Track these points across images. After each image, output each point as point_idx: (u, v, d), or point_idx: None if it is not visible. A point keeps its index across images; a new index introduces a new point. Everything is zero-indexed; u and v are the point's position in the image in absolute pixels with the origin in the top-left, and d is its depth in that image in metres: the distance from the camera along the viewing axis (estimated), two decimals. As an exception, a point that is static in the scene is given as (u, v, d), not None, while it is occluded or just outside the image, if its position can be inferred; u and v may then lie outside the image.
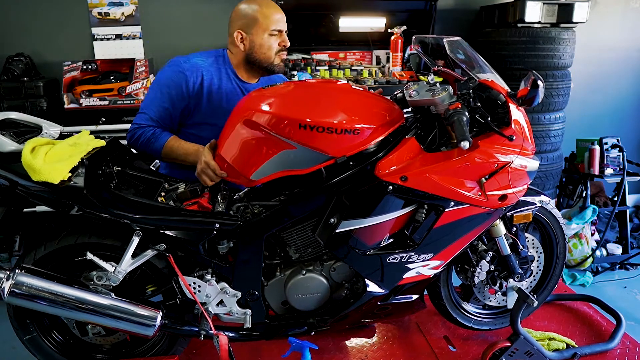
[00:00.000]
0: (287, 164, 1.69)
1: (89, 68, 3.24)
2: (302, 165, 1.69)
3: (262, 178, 1.72)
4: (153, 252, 1.75)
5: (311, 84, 1.89)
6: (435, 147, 1.79)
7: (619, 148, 3.57)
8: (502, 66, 3.44)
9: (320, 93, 1.78)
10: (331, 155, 1.67)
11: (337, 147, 1.66)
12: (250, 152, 1.70)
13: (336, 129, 1.63)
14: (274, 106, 1.68)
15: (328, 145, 1.65)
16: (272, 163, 1.69)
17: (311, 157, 1.68)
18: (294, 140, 1.65)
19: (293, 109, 1.67)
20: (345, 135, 1.65)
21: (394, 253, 1.82)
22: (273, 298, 1.94)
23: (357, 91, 1.85)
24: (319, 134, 1.63)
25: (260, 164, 1.69)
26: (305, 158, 1.68)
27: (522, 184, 1.82)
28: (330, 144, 1.65)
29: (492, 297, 2.18)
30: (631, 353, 2.19)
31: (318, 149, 1.66)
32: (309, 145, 1.65)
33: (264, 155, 1.69)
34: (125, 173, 1.90)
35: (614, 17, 4.16)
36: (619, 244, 3.69)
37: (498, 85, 1.77)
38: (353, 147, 1.68)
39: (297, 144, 1.65)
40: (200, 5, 3.56)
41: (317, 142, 1.65)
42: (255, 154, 1.70)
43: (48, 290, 1.68)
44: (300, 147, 1.66)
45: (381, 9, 3.69)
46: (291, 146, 1.66)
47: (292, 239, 1.87)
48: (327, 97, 1.75)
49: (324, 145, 1.65)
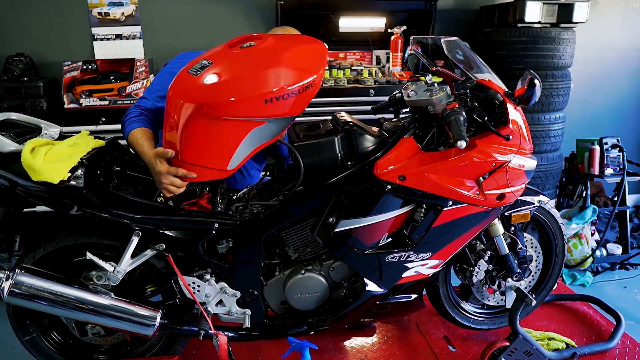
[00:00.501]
0: (259, 139, 1.64)
1: (89, 68, 3.24)
2: (273, 134, 1.66)
3: (239, 163, 1.66)
4: (152, 252, 1.75)
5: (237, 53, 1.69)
6: (434, 147, 1.79)
7: (619, 148, 3.57)
8: (502, 66, 3.44)
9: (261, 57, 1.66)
10: (296, 115, 1.65)
11: (302, 105, 1.62)
12: (218, 144, 1.62)
13: (300, 89, 1.57)
14: (230, 91, 1.56)
15: (294, 107, 1.60)
16: (245, 145, 1.62)
17: (281, 123, 1.64)
18: (262, 116, 1.58)
19: (251, 87, 1.57)
20: (307, 90, 1.60)
21: (392, 252, 1.82)
22: (272, 298, 1.94)
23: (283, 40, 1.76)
24: (285, 101, 1.57)
25: (233, 151, 1.62)
26: (275, 126, 1.64)
27: (520, 183, 1.82)
28: (296, 104, 1.60)
29: (490, 297, 2.18)
30: (631, 353, 2.19)
31: (287, 114, 1.61)
32: (278, 115, 1.60)
33: (235, 141, 1.61)
34: (125, 173, 1.90)
35: (614, 17, 4.15)
36: (619, 244, 3.69)
37: (495, 85, 1.77)
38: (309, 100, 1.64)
39: (265, 119, 1.59)
40: (200, 5, 3.56)
41: (285, 109, 1.59)
42: (225, 144, 1.61)
43: (48, 290, 1.68)
44: (269, 119, 1.60)
45: (381, 9, 3.69)
46: (260, 122, 1.59)
47: (291, 239, 1.87)
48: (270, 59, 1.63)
49: (291, 109, 1.60)
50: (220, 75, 1.59)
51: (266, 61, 1.62)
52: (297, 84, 1.57)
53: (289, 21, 3.43)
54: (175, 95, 1.61)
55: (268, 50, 1.66)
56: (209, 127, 1.57)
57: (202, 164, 1.63)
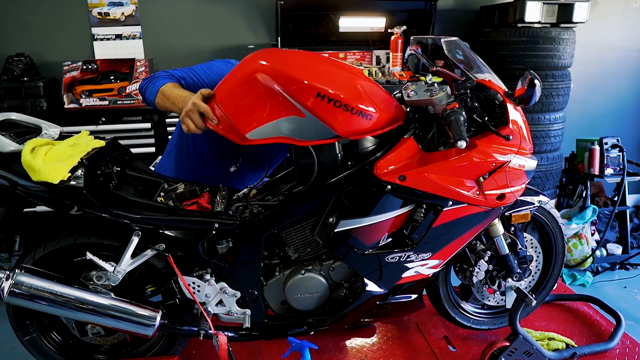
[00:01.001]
0: (291, 131, 1.62)
1: (89, 68, 3.25)
2: (304, 136, 1.64)
3: (259, 139, 1.63)
4: (152, 252, 1.75)
5: (331, 60, 1.81)
6: (434, 147, 1.79)
7: (619, 148, 3.57)
8: (502, 66, 3.45)
9: (340, 69, 1.72)
10: (337, 134, 1.63)
11: (346, 127, 1.62)
12: (253, 108, 1.61)
13: (353, 107, 1.59)
14: (295, 68, 1.61)
15: (339, 122, 1.60)
16: (275, 126, 1.61)
17: (317, 130, 1.62)
18: (307, 108, 1.58)
19: (315, 76, 1.60)
20: (358, 116, 1.61)
21: (392, 252, 1.82)
22: (272, 298, 1.94)
23: (371, 80, 1.80)
24: (334, 108, 1.58)
25: (262, 124, 1.61)
26: (311, 129, 1.62)
27: (520, 183, 1.82)
28: (342, 121, 1.60)
29: (490, 297, 2.18)
30: (631, 353, 2.19)
31: (327, 123, 1.60)
32: (320, 117, 1.59)
33: (269, 116, 1.60)
34: (125, 173, 1.90)
35: (614, 17, 4.15)
36: (619, 244, 3.69)
37: (495, 85, 1.77)
38: (359, 132, 1.65)
39: (308, 113, 1.59)
40: (200, 5, 3.56)
41: (329, 116, 1.59)
42: (259, 111, 1.60)
43: (48, 290, 1.68)
44: (310, 117, 1.59)
45: (381, 9, 3.69)
46: (301, 113, 1.59)
47: (291, 239, 1.87)
48: (346, 75, 1.70)
49: (334, 121, 1.60)
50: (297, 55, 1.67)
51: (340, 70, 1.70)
52: (353, 101, 1.60)
53: (289, 21, 3.44)
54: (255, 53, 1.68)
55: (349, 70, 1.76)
56: (258, 86, 1.59)
57: (230, 115, 1.62)
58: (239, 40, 3.64)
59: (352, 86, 1.64)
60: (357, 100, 1.61)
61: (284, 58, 1.66)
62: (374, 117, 1.64)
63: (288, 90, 1.58)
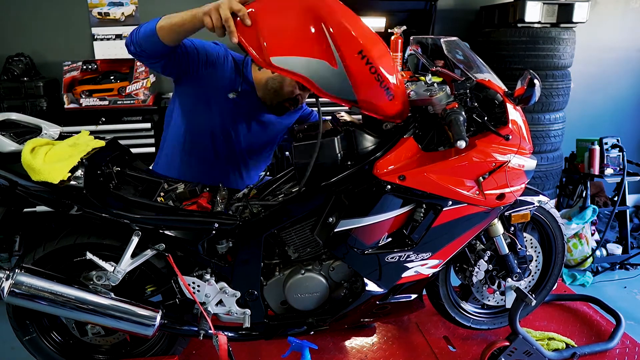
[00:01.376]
0: (317, 75, 1.57)
1: (89, 68, 3.25)
2: (327, 87, 1.59)
3: (282, 68, 1.56)
4: (152, 252, 1.75)
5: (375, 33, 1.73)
6: (433, 147, 1.79)
7: (619, 148, 3.57)
8: (502, 66, 3.45)
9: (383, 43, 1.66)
10: (357, 99, 1.60)
11: (369, 95, 1.60)
12: (292, 36, 1.54)
13: (384, 80, 1.57)
14: (350, 19, 1.55)
15: (364, 88, 1.58)
16: (304, 63, 1.55)
17: (341, 86, 1.58)
18: (344, 60, 1.54)
19: (364, 35, 1.55)
20: (383, 90, 1.59)
21: (392, 252, 1.82)
22: (272, 298, 1.94)
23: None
24: (368, 73, 1.55)
25: (292, 54, 1.54)
26: (336, 83, 1.58)
27: (520, 183, 1.82)
28: (369, 87, 1.58)
29: (490, 297, 2.18)
30: (631, 353, 2.19)
31: (354, 84, 1.57)
32: (351, 74, 1.56)
33: (303, 50, 1.54)
34: (125, 173, 1.91)
35: (614, 17, 4.16)
36: (619, 244, 3.69)
37: (495, 85, 1.77)
38: (375, 107, 1.63)
39: (342, 66, 1.55)
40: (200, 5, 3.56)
41: (360, 77, 1.56)
42: (295, 42, 1.54)
43: (48, 290, 1.68)
44: (341, 70, 1.55)
45: (381, 9, 3.68)
46: (335, 63, 1.55)
47: (291, 239, 1.87)
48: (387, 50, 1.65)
49: (361, 85, 1.57)
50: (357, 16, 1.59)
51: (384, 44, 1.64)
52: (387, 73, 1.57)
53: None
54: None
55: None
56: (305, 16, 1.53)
57: (262, 32, 1.53)
58: (239, 41, 3.64)
59: (389, 58, 1.62)
60: (390, 74, 1.58)
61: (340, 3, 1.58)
62: (395, 99, 1.62)
63: (335, 35, 1.53)
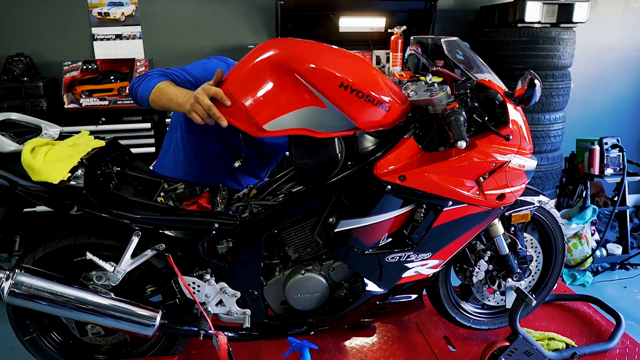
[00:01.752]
0: (311, 122, 1.58)
1: (89, 68, 3.25)
2: (325, 127, 1.60)
3: (277, 131, 1.58)
4: (152, 252, 1.75)
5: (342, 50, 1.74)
6: (434, 147, 1.79)
7: (619, 148, 3.56)
8: (502, 66, 3.44)
9: (358, 61, 1.69)
10: (357, 125, 1.61)
11: (367, 118, 1.61)
12: (273, 98, 1.55)
13: (374, 99, 1.57)
14: (317, 57, 1.57)
15: (360, 114, 1.59)
16: (295, 116, 1.57)
17: (338, 121, 1.59)
18: (329, 98, 1.55)
19: (337, 65, 1.57)
20: (379, 108, 1.59)
21: (392, 252, 1.82)
22: (272, 298, 1.94)
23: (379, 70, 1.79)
24: (357, 99, 1.56)
25: (281, 114, 1.56)
26: (331, 120, 1.59)
27: (520, 184, 1.82)
28: (363, 112, 1.59)
29: (490, 297, 2.18)
30: (631, 353, 2.19)
31: (349, 115, 1.58)
32: (341, 108, 1.57)
33: (288, 106, 1.56)
34: (125, 173, 1.90)
35: (614, 17, 4.15)
36: (619, 244, 3.69)
37: (495, 85, 1.77)
38: (378, 123, 1.64)
39: (329, 103, 1.56)
40: (200, 5, 3.56)
41: (351, 107, 1.57)
42: (278, 102, 1.56)
43: (48, 290, 1.68)
44: (332, 108, 1.57)
45: (381, 9, 3.69)
46: (322, 104, 1.56)
47: (291, 239, 1.87)
48: (366, 66, 1.68)
49: (356, 112, 1.58)
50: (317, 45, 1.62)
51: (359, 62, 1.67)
52: (375, 92, 1.58)
53: (289, 21, 3.43)
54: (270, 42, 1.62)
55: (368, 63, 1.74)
56: (277, 75, 1.54)
57: (245, 107, 1.54)
58: (239, 41, 3.64)
59: (371, 76, 1.62)
60: (378, 91, 1.59)
61: (302, 47, 1.61)
62: (390, 108, 1.62)
63: (310, 80, 1.54)
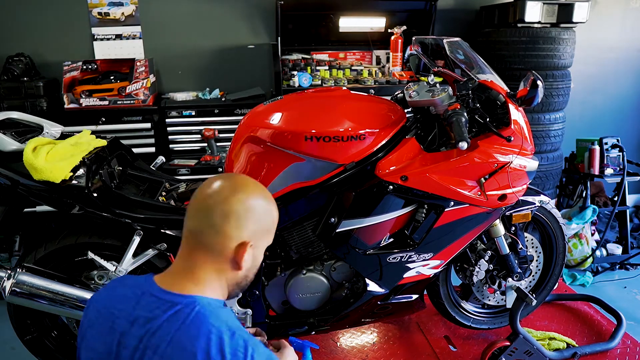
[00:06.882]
0: (298, 176, 1.71)
1: (89, 68, 3.24)
2: (313, 176, 1.72)
3: (275, 193, 1.71)
4: (154, 251, 1.75)
5: (310, 95, 1.91)
6: (435, 147, 1.79)
7: (619, 148, 3.56)
8: (502, 66, 3.44)
9: (321, 103, 1.80)
10: (340, 163, 1.70)
11: (345, 154, 1.69)
12: (259, 169, 1.71)
13: (342, 136, 1.66)
14: (278, 121, 1.71)
15: (336, 154, 1.68)
16: (283, 177, 1.71)
17: (321, 166, 1.70)
18: (302, 152, 1.67)
19: (297, 121, 1.69)
20: (352, 141, 1.67)
21: (394, 253, 1.82)
22: (273, 298, 1.94)
23: (357, 96, 1.86)
24: (326, 144, 1.66)
25: (271, 180, 1.71)
26: (315, 168, 1.70)
27: (522, 184, 1.82)
28: (338, 152, 1.67)
29: (491, 297, 2.18)
30: (631, 353, 2.19)
31: (327, 159, 1.68)
32: (317, 156, 1.67)
33: (273, 171, 1.70)
34: (127, 173, 1.91)
35: (614, 17, 4.15)
36: (619, 244, 3.69)
37: (497, 86, 1.77)
38: (360, 153, 1.70)
39: (305, 156, 1.67)
40: (200, 5, 3.56)
41: (325, 152, 1.67)
42: (264, 170, 1.71)
43: (49, 290, 1.68)
44: (309, 159, 1.68)
45: (381, 9, 3.68)
46: (300, 159, 1.68)
47: (292, 239, 1.87)
48: (328, 106, 1.77)
49: (332, 154, 1.68)
50: (277, 107, 1.77)
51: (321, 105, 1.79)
52: (340, 131, 1.67)
53: (289, 21, 3.43)
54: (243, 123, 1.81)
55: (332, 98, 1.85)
56: (254, 149, 1.71)
57: None
58: (239, 40, 3.63)
59: (335, 117, 1.72)
60: (344, 130, 1.67)
61: (266, 115, 1.75)
62: (367, 135, 1.69)
63: (279, 143, 1.67)
